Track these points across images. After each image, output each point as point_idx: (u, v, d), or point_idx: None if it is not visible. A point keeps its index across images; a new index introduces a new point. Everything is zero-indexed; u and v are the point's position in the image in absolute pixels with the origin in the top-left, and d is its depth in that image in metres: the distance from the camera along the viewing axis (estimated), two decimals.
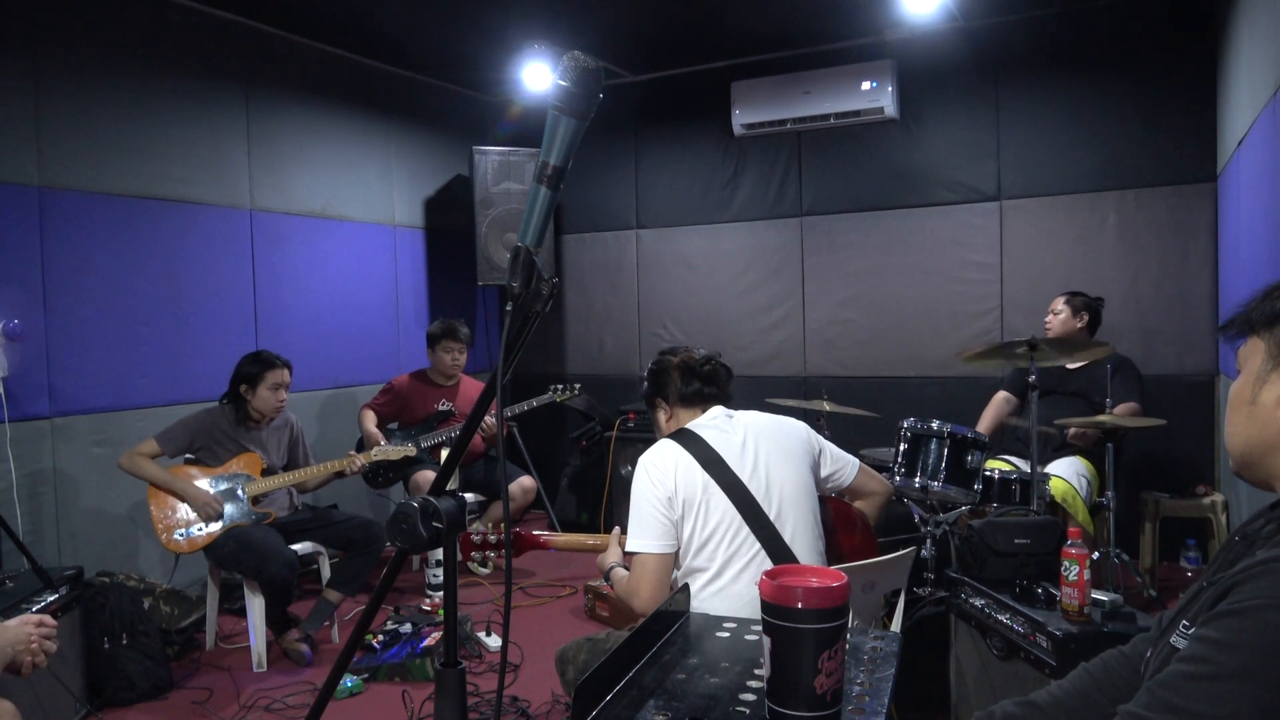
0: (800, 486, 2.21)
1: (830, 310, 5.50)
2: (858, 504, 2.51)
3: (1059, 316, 4.23)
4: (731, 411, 2.34)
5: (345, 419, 5.04)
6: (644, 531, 2.13)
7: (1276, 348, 1.09)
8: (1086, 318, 4.21)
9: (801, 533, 2.16)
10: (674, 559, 2.16)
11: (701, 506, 2.12)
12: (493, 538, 2.39)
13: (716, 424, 2.27)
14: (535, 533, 2.50)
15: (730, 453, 2.18)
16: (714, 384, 2.35)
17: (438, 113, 5.97)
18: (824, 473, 2.36)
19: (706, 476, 2.14)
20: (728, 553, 2.10)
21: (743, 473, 2.16)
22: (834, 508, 2.44)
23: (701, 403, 2.34)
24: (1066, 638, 2.21)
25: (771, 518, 2.13)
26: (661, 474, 2.15)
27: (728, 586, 2.10)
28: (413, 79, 5.75)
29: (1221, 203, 4.40)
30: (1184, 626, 1.06)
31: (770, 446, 2.23)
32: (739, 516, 2.12)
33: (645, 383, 2.43)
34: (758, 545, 2.11)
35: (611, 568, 2.29)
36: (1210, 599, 1.01)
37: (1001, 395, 4.38)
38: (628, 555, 2.18)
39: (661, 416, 2.41)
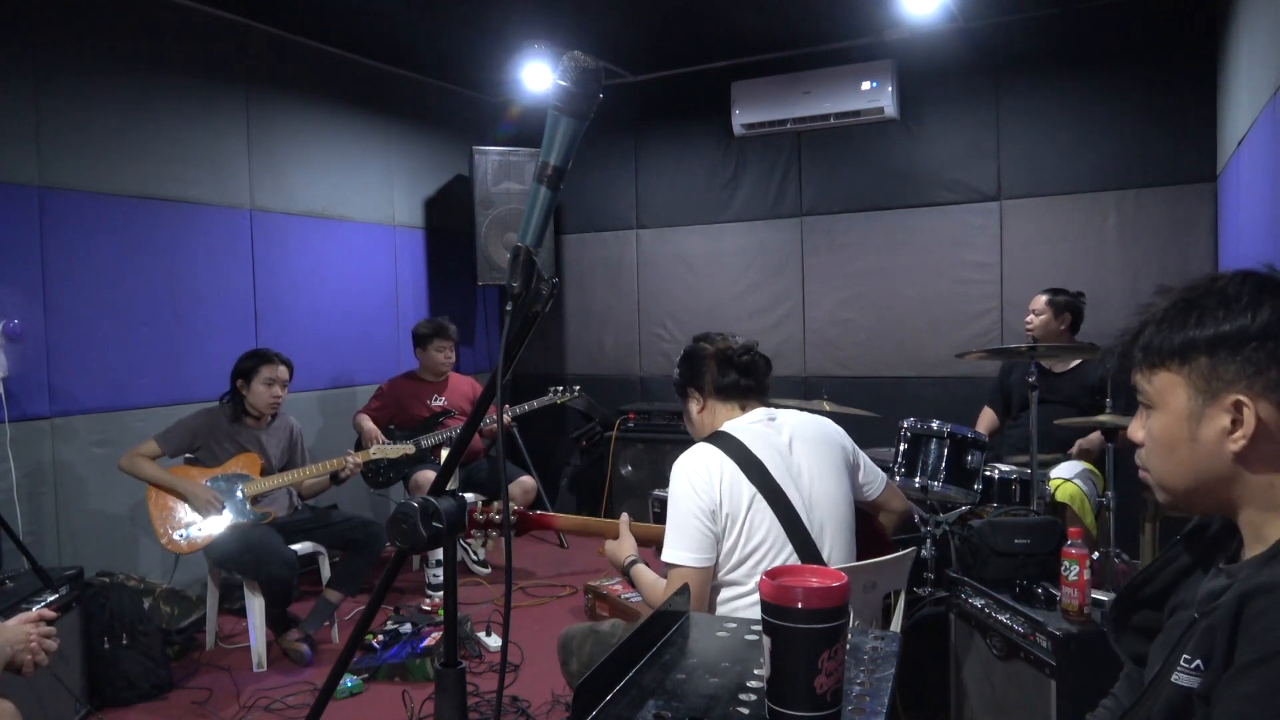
0: (842, 501, 2.13)
1: (830, 310, 5.50)
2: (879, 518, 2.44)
3: (1040, 317, 4.11)
4: (774, 413, 2.20)
5: (344, 419, 5.04)
6: (685, 543, 2.01)
7: (1201, 381, 1.04)
8: (1069, 318, 4.13)
9: (838, 549, 2.09)
10: (712, 571, 2.05)
11: (746, 522, 2.01)
12: (496, 516, 2.22)
13: (758, 428, 2.13)
14: (540, 511, 2.38)
15: (775, 463, 2.06)
16: (752, 376, 2.21)
17: (438, 113, 5.96)
18: (858, 482, 2.27)
19: (753, 490, 2.01)
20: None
21: (787, 485, 2.05)
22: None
23: (739, 396, 2.21)
24: (1066, 638, 2.21)
25: (813, 535, 2.05)
26: (706, 483, 2.02)
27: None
28: (413, 79, 5.75)
29: (1221, 203, 4.39)
30: (1185, 661, 1.02)
31: (814, 455, 2.13)
32: (784, 534, 2.01)
33: (677, 369, 2.28)
34: (798, 563, 2.00)
35: (630, 561, 2.17)
36: (1218, 640, 0.97)
37: (988, 413, 4.36)
38: (666, 565, 2.05)
39: (694, 406, 2.25)
